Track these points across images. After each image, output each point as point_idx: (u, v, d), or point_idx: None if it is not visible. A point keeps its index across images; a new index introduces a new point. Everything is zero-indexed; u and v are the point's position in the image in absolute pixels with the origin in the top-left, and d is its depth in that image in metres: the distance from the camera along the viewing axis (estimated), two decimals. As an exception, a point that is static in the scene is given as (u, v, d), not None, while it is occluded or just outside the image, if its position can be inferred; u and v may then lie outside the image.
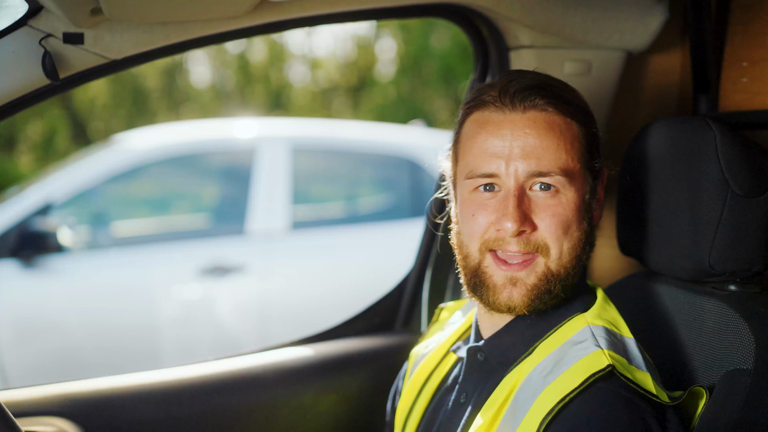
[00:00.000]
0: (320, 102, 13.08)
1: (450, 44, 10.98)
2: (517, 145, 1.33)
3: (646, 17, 1.88)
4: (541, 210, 1.33)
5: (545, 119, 1.34)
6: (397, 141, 5.23)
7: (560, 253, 1.34)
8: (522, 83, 1.36)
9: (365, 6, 1.81)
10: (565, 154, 1.33)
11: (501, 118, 1.35)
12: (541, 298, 1.34)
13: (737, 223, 1.40)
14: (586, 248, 1.38)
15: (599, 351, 1.27)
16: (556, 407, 1.20)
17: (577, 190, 1.34)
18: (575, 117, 1.36)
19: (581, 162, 1.36)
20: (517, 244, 1.33)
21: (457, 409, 1.44)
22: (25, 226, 4.22)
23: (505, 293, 1.35)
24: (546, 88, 1.36)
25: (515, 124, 1.34)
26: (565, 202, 1.33)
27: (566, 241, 1.34)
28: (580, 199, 1.35)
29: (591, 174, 1.38)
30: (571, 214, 1.34)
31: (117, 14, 1.50)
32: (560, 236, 1.33)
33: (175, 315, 4.37)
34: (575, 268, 1.36)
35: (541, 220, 1.33)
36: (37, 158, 11.29)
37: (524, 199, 1.33)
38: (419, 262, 2.24)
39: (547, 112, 1.34)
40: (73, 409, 1.78)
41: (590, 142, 1.38)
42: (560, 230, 1.33)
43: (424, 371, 1.61)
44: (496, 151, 1.34)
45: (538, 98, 1.34)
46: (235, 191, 4.91)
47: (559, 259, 1.34)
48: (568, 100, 1.37)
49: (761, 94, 1.83)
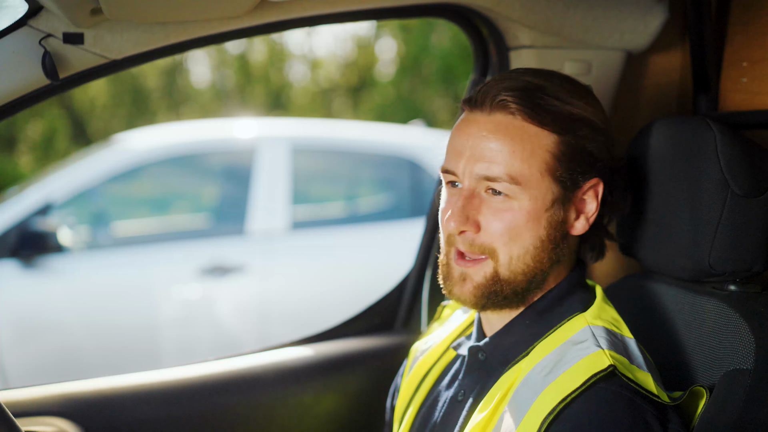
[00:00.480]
0: (320, 102, 13.08)
1: (450, 44, 10.97)
2: (473, 146, 1.34)
3: (646, 17, 1.89)
4: (489, 213, 1.34)
5: (507, 124, 1.33)
6: (397, 141, 5.23)
7: (509, 258, 1.34)
8: (503, 84, 1.35)
9: (365, 6, 1.81)
10: (520, 162, 1.31)
11: (470, 117, 1.38)
12: (489, 298, 1.36)
13: (737, 223, 1.40)
14: (543, 256, 1.35)
15: (600, 351, 1.27)
16: (558, 407, 1.20)
17: (533, 198, 1.32)
18: (549, 125, 1.33)
19: (542, 172, 1.33)
20: (462, 243, 1.36)
21: (454, 406, 1.44)
22: (25, 226, 4.22)
23: (457, 288, 1.38)
24: (527, 92, 1.34)
25: (478, 125, 1.35)
26: (516, 208, 1.32)
27: (515, 247, 1.33)
28: (537, 207, 1.33)
29: (561, 184, 1.35)
30: (523, 222, 1.33)
31: (117, 14, 1.50)
32: (507, 241, 1.33)
33: (175, 315, 4.37)
34: (527, 274, 1.36)
35: (488, 223, 1.34)
36: (37, 158, 11.29)
37: (474, 200, 1.35)
38: (419, 262, 2.24)
39: (513, 116, 1.33)
40: (73, 409, 1.78)
41: (566, 152, 1.34)
42: (507, 236, 1.33)
43: (422, 367, 1.61)
44: (458, 150, 1.37)
45: (509, 101, 1.33)
46: (235, 191, 4.91)
47: (507, 264, 1.34)
48: (549, 107, 1.33)
49: (761, 94, 1.83)
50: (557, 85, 1.37)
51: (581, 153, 1.35)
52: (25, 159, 11.46)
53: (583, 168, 1.36)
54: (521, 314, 1.41)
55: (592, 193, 1.39)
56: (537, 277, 1.37)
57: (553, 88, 1.36)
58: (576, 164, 1.35)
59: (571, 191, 1.37)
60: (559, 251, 1.38)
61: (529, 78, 1.37)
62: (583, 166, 1.36)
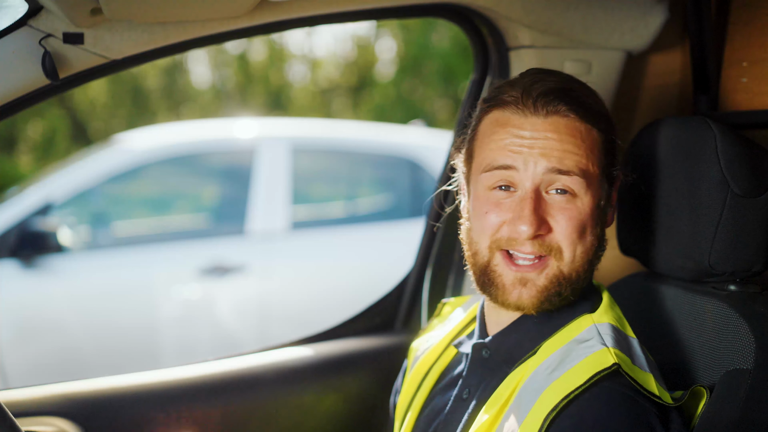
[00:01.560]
0: (320, 102, 13.08)
1: (450, 44, 10.97)
2: (537, 145, 1.33)
3: (646, 17, 1.88)
4: (557, 212, 1.33)
5: (567, 125, 1.34)
6: (397, 141, 5.23)
7: (573, 256, 1.34)
8: (545, 86, 1.35)
9: (365, 6, 1.81)
10: (585, 159, 1.33)
11: (522, 121, 1.35)
12: (551, 300, 1.35)
13: (737, 223, 1.40)
14: (598, 252, 1.38)
15: (605, 349, 1.27)
16: (561, 404, 1.20)
17: (593, 195, 1.34)
18: (596, 124, 1.36)
19: (600, 168, 1.36)
20: (531, 245, 1.33)
21: (459, 405, 1.44)
22: (25, 226, 4.22)
23: (515, 293, 1.35)
24: (569, 92, 1.36)
25: (536, 128, 1.34)
26: (581, 206, 1.33)
27: (580, 245, 1.34)
28: (596, 204, 1.35)
29: (608, 180, 1.39)
30: (587, 219, 1.34)
31: (117, 14, 1.50)
32: (575, 240, 1.33)
33: (175, 315, 4.37)
34: (587, 272, 1.37)
35: (557, 223, 1.33)
36: (37, 158, 11.29)
37: (540, 201, 1.33)
38: (419, 262, 2.23)
39: (569, 118, 1.34)
40: (73, 409, 1.78)
41: (609, 149, 1.38)
42: (575, 234, 1.33)
43: (423, 365, 1.61)
44: (516, 148, 1.34)
45: (561, 104, 1.33)
46: (235, 191, 4.91)
47: (572, 262, 1.34)
48: (591, 106, 1.37)
49: (761, 94, 1.83)
50: (581, 85, 1.41)
51: (615, 149, 1.41)
52: (25, 159, 11.46)
53: (617, 163, 1.42)
54: (531, 313, 1.40)
55: (616, 188, 1.44)
56: (590, 271, 1.39)
57: (581, 88, 1.40)
58: (615, 160, 1.40)
59: (612, 188, 1.41)
60: (604, 243, 1.41)
61: (560, 79, 1.39)
62: (616, 161, 1.42)
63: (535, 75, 1.39)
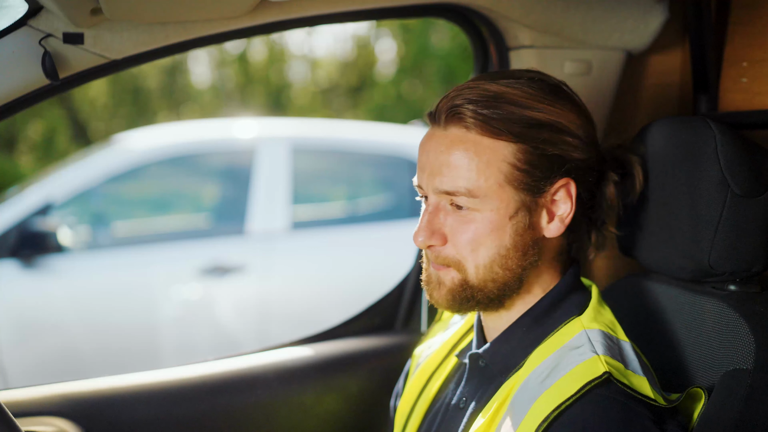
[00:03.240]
0: (320, 102, 13.08)
1: (450, 44, 10.97)
2: (432, 162, 1.35)
3: (646, 17, 1.89)
4: (454, 226, 1.35)
5: (461, 138, 1.32)
6: (397, 141, 5.23)
7: (475, 268, 1.35)
8: (460, 95, 1.33)
9: (365, 6, 1.81)
10: (476, 175, 1.31)
11: (430, 132, 1.39)
12: (462, 303, 1.38)
13: (737, 223, 1.40)
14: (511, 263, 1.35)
15: (596, 357, 1.26)
16: (553, 413, 1.20)
17: (494, 209, 1.32)
18: (504, 135, 1.30)
19: (500, 181, 1.31)
20: (430, 254, 1.39)
21: (456, 413, 1.44)
22: (25, 226, 4.22)
23: (435, 292, 1.41)
24: (480, 102, 1.31)
25: (436, 141, 1.36)
26: (479, 220, 1.33)
27: (479, 257, 1.34)
28: (500, 217, 1.32)
29: (525, 191, 1.33)
30: (485, 233, 1.33)
31: (117, 14, 1.50)
32: (468, 253, 1.34)
33: (175, 315, 4.37)
34: (498, 282, 1.36)
35: (452, 236, 1.36)
36: (37, 158, 11.29)
37: (439, 214, 1.37)
38: (419, 262, 2.23)
39: (467, 129, 1.32)
40: (73, 409, 1.78)
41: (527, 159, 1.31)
42: (468, 247, 1.34)
43: (424, 373, 1.61)
44: (421, 165, 1.39)
45: (462, 115, 1.32)
46: (235, 191, 4.91)
47: (474, 274, 1.35)
48: (505, 115, 1.31)
49: (761, 94, 1.83)
50: (518, 89, 1.34)
51: (542, 158, 1.32)
52: (25, 159, 11.47)
53: (547, 173, 1.33)
54: (518, 320, 1.41)
55: (564, 194, 1.36)
56: (510, 283, 1.37)
57: (514, 93, 1.33)
58: (538, 170, 1.33)
59: (538, 195, 1.35)
60: (531, 256, 1.37)
61: (488, 85, 1.34)
62: (546, 170, 1.33)
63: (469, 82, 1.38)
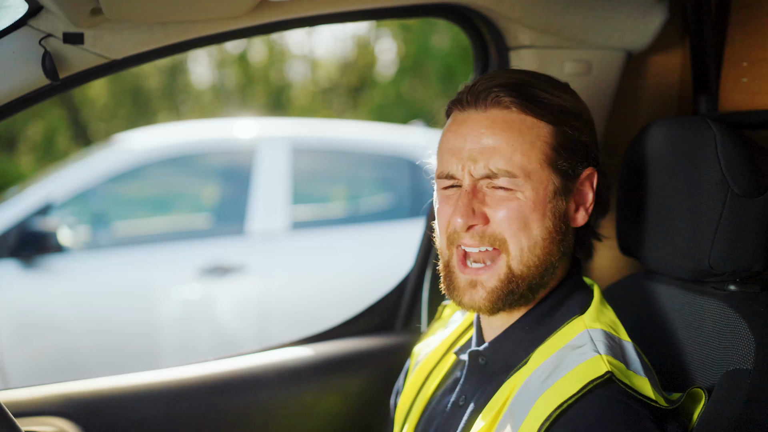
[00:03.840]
0: (320, 102, 13.08)
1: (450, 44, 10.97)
2: (471, 146, 1.34)
3: (646, 17, 1.88)
4: (496, 204, 1.34)
5: (504, 118, 1.33)
6: (397, 141, 5.23)
7: (520, 250, 1.33)
8: (492, 81, 1.36)
9: (365, 6, 1.81)
10: (520, 155, 1.32)
11: (464, 117, 1.38)
12: (504, 300, 1.35)
13: (737, 223, 1.40)
14: (552, 248, 1.35)
15: (598, 357, 1.26)
16: (555, 412, 1.20)
17: (536, 189, 1.33)
18: (543, 116, 1.34)
19: (542, 163, 1.34)
20: (471, 237, 1.34)
21: (455, 411, 1.44)
22: (25, 226, 4.22)
23: (467, 295, 1.37)
24: (516, 86, 1.35)
25: (474, 123, 1.35)
26: (522, 199, 1.33)
27: (525, 238, 1.33)
28: (541, 198, 1.33)
29: (561, 174, 1.36)
30: (529, 211, 1.33)
31: (117, 14, 1.50)
32: (517, 231, 1.33)
33: (175, 315, 4.37)
34: (540, 268, 1.35)
35: (495, 214, 1.34)
36: (37, 158, 11.29)
37: (478, 194, 1.35)
38: (419, 262, 2.24)
39: (509, 110, 1.34)
40: (73, 409, 1.78)
41: (561, 142, 1.35)
42: (515, 224, 1.32)
43: (423, 370, 1.61)
44: (455, 152, 1.37)
45: (502, 96, 1.33)
46: (235, 191, 4.91)
47: (520, 257, 1.33)
48: (540, 99, 1.35)
49: (761, 94, 1.83)
50: (542, 80, 1.40)
51: (576, 143, 1.37)
52: (25, 159, 11.47)
53: (579, 159, 1.38)
54: (520, 319, 1.41)
55: (588, 183, 1.41)
56: (548, 270, 1.37)
57: (540, 83, 1.38)
58: (572, 154, 1.37)
59: (571, 181, 1.38)
60: (566, 243, 1.39)
61: (515, 75, 1.39)
62: (579, 156, 1.38)
63: (493, 72, 1.41)
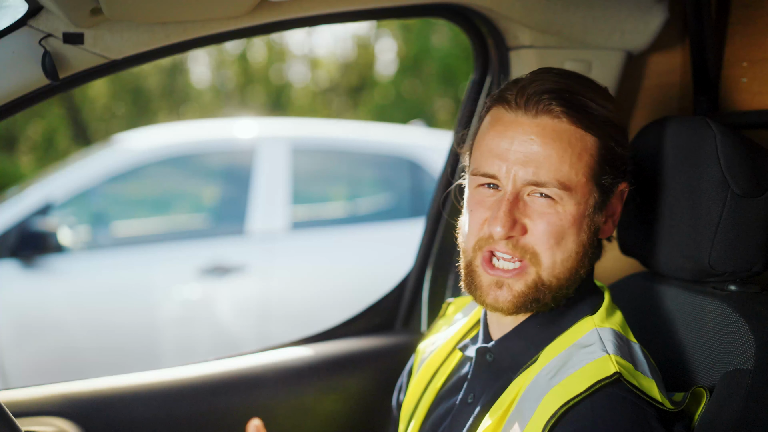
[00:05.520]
0: (320, 102, 13.08)
1: (450, 44, 10.98)
2: (519, 150, 1.31)
3: (646, 17, 1.88)
4: (536, 216, 1.31)
5: (554, 127, 1.31)
6: (397, 141, 5.23)
7: (553, 263, 1.32)
8: (543, 86, 1.32)
9: (365, 6, 1.81)
10: (568, 167, 1.30)
11: (512, 119, 1.34)
12: (528, 305, 1.34)
13: (737, 223, 1.40)
14: (584, 261, 1.35)
15: (606, 357, 1.26)
16: (561, 409, 1.20)
17: (578, 203, 1.31)
18: (591, 129, 1.32)
19: (587, 176, 1.32)
20: (506, 245, 1.33)
21: (463, 409, 1.43)
22: (25, 226, 4.22)
23: (491, 295, 1.35)
24: (567, 94, 1.32)
25: (523, 128, 1.32)
26: (562, 213, 1.31)
27: (559, 252, 1.31)
28: (581, 212, 1.32)
29: (600, 189, 1.34)
30: (567, 226, 1.31)
31: (117, 14, 1.50)
32: (552, 246, 1.31)
33: (175, 315, 4.37)
34: (569, 280, 1.34)
35: (534, 226, 1.31)
36: (37, 158, 11.30)
37: (519, 203, 1.32)
38: (419, 262, 2.23)
39: (559, 120, 1.31)
40: (73, 409, 1.78)
41: (605, 156, 1.33)
42: (552, 239, 1.31)
43: (429, 369, 1.60)
44: (500, 153, 1.33)
45: (554, 104, 1.30)
46: (235, 191, 4.91)
47: (551, 269, 1.32)
48: (589, 110, 1.32)
49: (761, 94, 1.83)
50: (588, 87, 1.36)
51: (616, 157, 1.35)
52: (25, 159, 11.47)
53: (618, 172, 1.36)
54: (532, 317, 1.40)
55: (620, 197, 1.40)
56: (576, 281, 1.36)
57: (585, 90, 1.35)
58: (613, 168, 1.35)
59: (608, 196, 1.37)
60: (595, 256, 1.39)
61: (559, 79, 1.35)
62: (618, 170, 1.36)
63: (541, 73, 1.37)
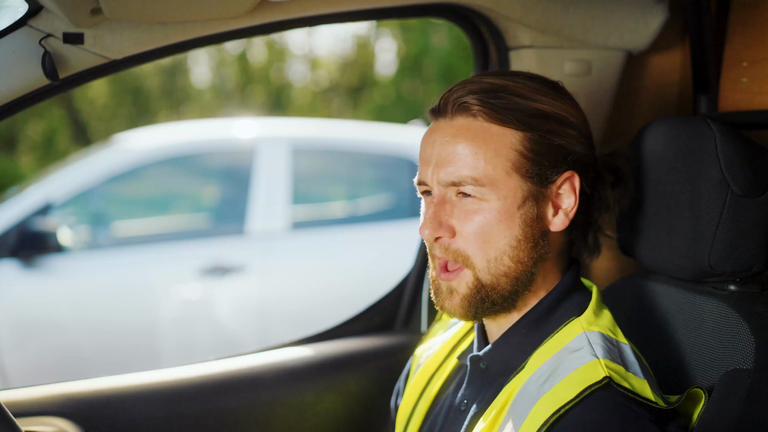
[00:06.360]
0: (320, 102, 13.08)
1: (450, 44, 10.97)
2: (438, 153, 1.35)
3: (646, 17, 1.89)
4: (462, 216, 1.34)
5: (468, 126, 1.32)
6: (397, 141, 5.23)
7: (486, 262, 1.33)
8: (465, 88, 1.34)
9: (365, 6, 1.81)
10: (484, 163, 1.30)
11: (434, 126, 1.38)
12: (478, 308, 1.35)
13: (737, 223, 1.40)
14: (525, 255, 1.34)
15: (596, 361, 1.26)
16: (552, 417, 1.20)
17: (503, 198, 1.31)
18: (510, 123, 1.31)
19: (509, 170, 1.31)
20: (438, 249, 1.36)
21: (457, 416, 1.44)
22: (25, 226, 4.22)
23: (447, 302, 1.38)
24: (486, 92, 1.33)
25: (441, 131, 1.36)
26: (487, 209, 1.32)
27: (491, 250, 1.32)
28: (508, 207, 1.32)
29: (530, 180, 1.33)
30: (495, 222, 1.31)
31: (117, 14, 1.50)
32: (481, 245, 1.32)
33: (175, 315, 4.37)
34: (511, 276, 1.34)
35: (462, 227, 1.34)
36: (37, 158, 11.29)
37: (446, 206, 1.35)
38: (419, 262, 2.24)
39: (474, 118, 1.32)
40: (73, 409, 1.78)
41: (536, 149, 1.32)
42: (480, 239, 1.32)
43: (425, 374, 1.61)
44: (426, 159, 1.38)
45: (471, 104, 1.32)
46: (235, 191, 4.91)
47: (486, 268, 1.33)
48: (511, 105, 1.32)
49: (761, 94, 1.83)
50: (520, 83, 1.36)
51: (549, 147, 1.34)
52: (25, 159, 11.47)
53: (553, 162, 1.34)
54: (518, 322, 1.40)
55: (569, 187, 1.37)
56: (522, 277, 1.35)
57: (516, 86, 1.35)
58: (545, 159, 1.33)
59: (544, 186, 1.35)
60: (541, 249, 1.36)
61: (491, 80, 1.36)
62: (553, 160, 1.34)
63: (473, 77, 1.39)
